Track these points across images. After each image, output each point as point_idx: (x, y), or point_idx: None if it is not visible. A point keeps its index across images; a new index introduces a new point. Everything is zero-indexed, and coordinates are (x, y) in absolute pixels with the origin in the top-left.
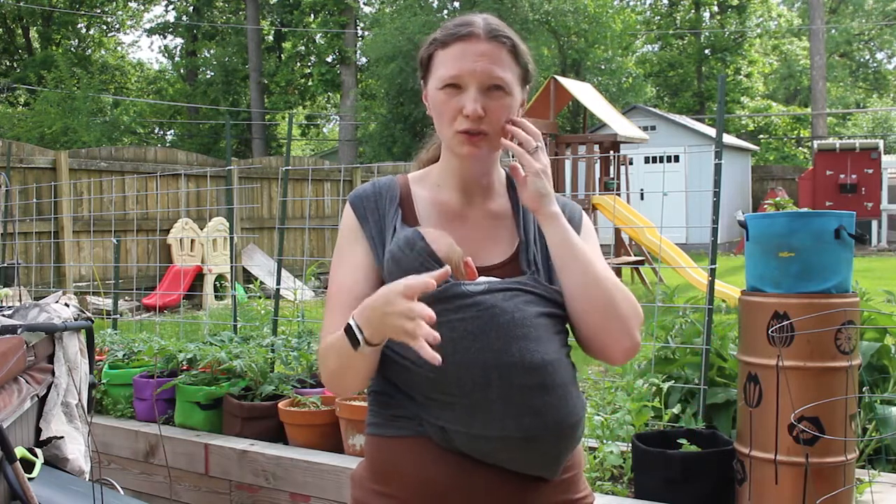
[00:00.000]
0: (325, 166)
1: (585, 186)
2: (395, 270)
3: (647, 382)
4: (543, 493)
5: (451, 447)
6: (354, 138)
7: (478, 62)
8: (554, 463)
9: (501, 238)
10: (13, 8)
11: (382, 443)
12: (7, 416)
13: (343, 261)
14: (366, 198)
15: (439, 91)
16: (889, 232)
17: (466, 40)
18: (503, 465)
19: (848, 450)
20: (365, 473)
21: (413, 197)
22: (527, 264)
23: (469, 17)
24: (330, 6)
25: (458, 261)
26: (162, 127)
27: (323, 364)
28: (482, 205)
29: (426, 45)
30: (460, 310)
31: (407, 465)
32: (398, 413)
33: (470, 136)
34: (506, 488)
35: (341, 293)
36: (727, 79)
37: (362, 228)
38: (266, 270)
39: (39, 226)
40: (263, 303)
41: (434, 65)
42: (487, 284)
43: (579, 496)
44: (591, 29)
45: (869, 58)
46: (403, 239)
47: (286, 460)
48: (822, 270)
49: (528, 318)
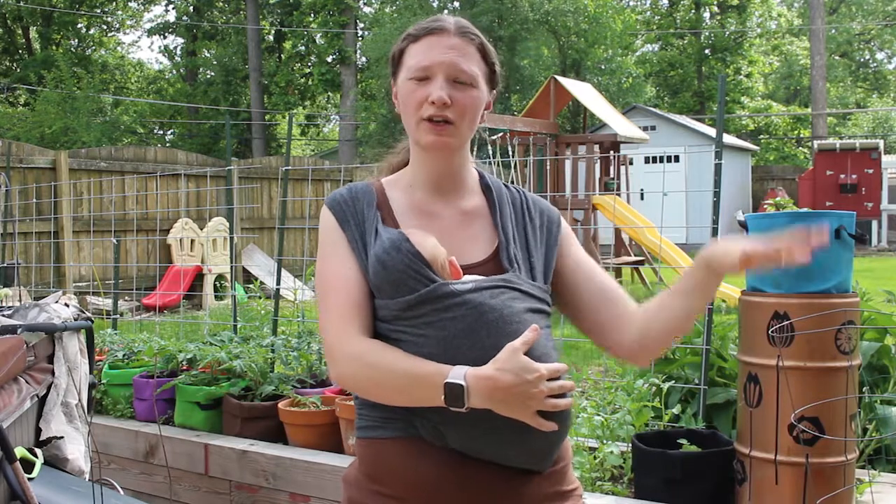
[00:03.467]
0: (325, 166)
1: (585, 186)
2: (382, 272)
3: (647, 382)
4: (536, 486)
5: (444, 445)
6: (354, 138)
7: (446, 54)
8: (546, 455)
9: (479, 236)
10: (13, 8)
11: (375, 445)
12: (7, 416)
13: (330, 263)
14: (343, 202)
15: (408, 81)
16: (889, 232)
17: (437, 34)
18: (496, 459)
19: (848, 450)
20: (359, 475)
21: (389, 199)
22: (508, 262)
23: (441, 16)
24: (330, 6)
25: (443, 261)
26: (162, 127)
27: (363, 378)
28: (456, 203)
29: (399, 41)
30: (449, 309)
31: (402, 465)
32: (388, 415)
33: (434, 123)
34: (500, 482)
35: (338, 297)
36: (727, 79)
37: (343, 231)
38: (266, 270)
39: (39, 226)
40: (263, 303)
41: (405, 58)
42: (474, 283)
43: (570, 488)
44: (591, 29)
45: (869, 58)
46: (388, 241)
47: (286, 460)
48: (822, 270)
49: (516, 315)
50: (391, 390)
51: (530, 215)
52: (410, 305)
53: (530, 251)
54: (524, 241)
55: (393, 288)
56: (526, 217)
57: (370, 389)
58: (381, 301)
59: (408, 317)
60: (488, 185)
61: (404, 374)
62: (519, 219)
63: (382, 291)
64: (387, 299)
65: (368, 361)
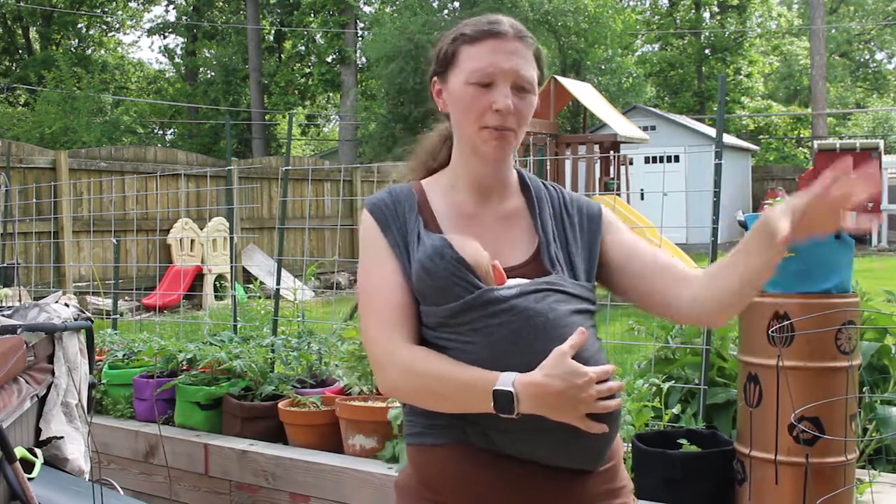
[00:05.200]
0: (325, 166)
1: (585, 186)
2: (426, 279)
3: (647, 382)
4: (588, 485)
5: (496, 450)
6: (354, 138)
7: (510, 60)
8: (597, 456)
9: (519, 238)
10: (13, 8)
11: (427, 451)
12: (7, 416)
13: (373, 270)
14: (385, 206)
15: (468, 86)
16: (889, 232)
17: (497, 38)
18: (548, 462)
19: (848, 450)
20: (413, 482)
21: (430, 202)
22: (550, 263)
23: (495, 16)
24: (330, 6)
25: (486, 266)
26: (162, 127)
27: (414, 387)
28: (497, 205)
29: (449, 39)
30: (495, 315)
31: (454, 472)
32: (438, 421)
33: (497, 132)
34: (553, 484)
35: (383, 304)
36: (727, 79)
37: (385, 237)
38: (266, 270)
39: (39, 226)
40: (263, 303)
41: (460, 59)
42: (519, 287)
43: (620, 485)
44: (591, 29)
45: (869, 58)
46: (431, 248)
47: (286, 460)
48: (822, 270)
49: (562, 318)
50: (441, 398)
51: (569, 213)
52: (456, 312)
53: (570, 250)
54: (564, 240)
55: (437, 295)
56: (565, 215)
57: (420, 398)
58: (425, 308)
59: (453, 324)
60: (527, 184)
61: (453, 382)
62: (558, 218)
63: (427, 298)
64: (431, 306)
65: (418, 370)
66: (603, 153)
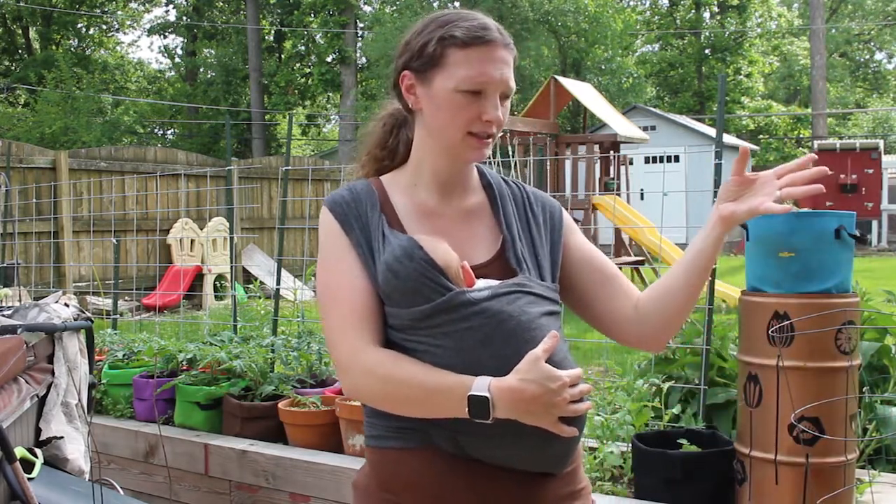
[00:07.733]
0: (325, 166)
1: (585, 186)
2: (394, 281)
3: (647, 382)
4: (551, 488)
5: (462, 454)
6: (354, 138)
7: (500, 69)
8: (564, 458)
9: (482, 235)
10: (13, 8)
11: (388, 454)
12: (7, 416)
13: (334, 269)
14: (345, 203)
15: (457, 93)
16: (889, 232)
17: (488, 45)
18: (515, 466)
19: (848, 450)
20: (371, 483)
21: (391, 200)
22: (516, 262)
23: (483, 20)
24: (330, 6)
25: (456, 268)
26: (162, 127)
27: (379, 391)
28: (459, 202)
29: (435, 38)
30: (466, 318)
31: (417, 475)
32: (401, 424)
33: (480, 139)
34: (516, 487)
35: (346, 306)
36: (727, 79)
37: (348, 236)
38: (266, 270)
39: (39, 226)
40: (263, 303)
41: (448, 62)
42: (490, 290)
43: (581, 487)
44: (591, 29)
45: (869, 58)
46: (399, 249)
47: (286, 460)
48: (822, 270)
49: (533, 320)
50: (409, 403)
51: (533, 211)
52: (426, 315)
53: (536, 250)
54: (529, 238)
55: (406, 297)
56: (529, 214)
57: (387, 402)
58: (391, 309)
59: (422, 326)
60: (489, 181)
61: (423, 387)
62: (522, 215)
63: (393, 300)
64: (398, 308)
65: (384, 374)
66: (603, 153)
